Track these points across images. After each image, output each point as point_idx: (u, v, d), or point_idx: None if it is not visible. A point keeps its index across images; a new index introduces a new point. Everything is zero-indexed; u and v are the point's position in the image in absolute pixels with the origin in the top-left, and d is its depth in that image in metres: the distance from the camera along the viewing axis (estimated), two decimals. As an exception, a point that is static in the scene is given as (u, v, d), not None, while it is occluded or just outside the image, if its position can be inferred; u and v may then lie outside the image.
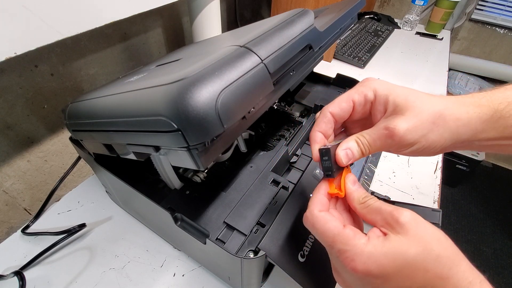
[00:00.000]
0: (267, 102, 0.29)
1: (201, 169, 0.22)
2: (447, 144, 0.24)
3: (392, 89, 0.25)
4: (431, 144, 0.24)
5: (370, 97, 0.26)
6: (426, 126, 0.23)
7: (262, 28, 0.28)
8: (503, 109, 0.23)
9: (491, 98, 0.23)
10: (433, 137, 0.23)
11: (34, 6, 0.28)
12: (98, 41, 0.54)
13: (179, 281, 0.39)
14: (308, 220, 0.25)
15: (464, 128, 0.23)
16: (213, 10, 0.57)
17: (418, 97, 0.24)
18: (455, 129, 0.23)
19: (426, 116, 0.23)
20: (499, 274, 1.27)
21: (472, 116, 0.23)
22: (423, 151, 0.24)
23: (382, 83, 0.27)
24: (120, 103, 0.25)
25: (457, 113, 0.23)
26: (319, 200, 0.25)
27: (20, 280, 0.36)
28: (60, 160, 0.55)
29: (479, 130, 0.23)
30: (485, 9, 1.36)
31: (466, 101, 0.24)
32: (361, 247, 0.20)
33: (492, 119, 0.23)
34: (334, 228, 0.22)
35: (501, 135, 0.23)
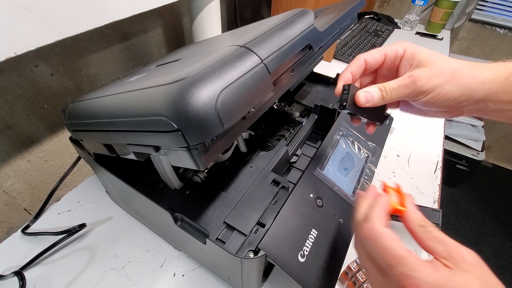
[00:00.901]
0: (267, 102, 0.29)
1: (201, 169, 0.22)
2: (461, 99, 0.26)
3: (419, 49, 0.29)
4: (446, 94, 0.26)
5: (400, 53, 0.30)
6: (444, 77, 0.26)
7: (262, 28, 0.28)
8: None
9: (508, 64, 0.26)
10: (449, 87, 0.26)
11: (34, 6, 0.28)
12: (98, 41, 0.54)
13: (179, 281, 0.39)
14: (369, 233, 0.25)
15: (479, 86, 0.25)
16: (213, 10, 0.57)
17: (441, 56, 0.27)
18: (470, 85, 0.26)
19: (445, 69, 0.26)
20: (499, 274, 1.26)
21: (487, 76, 0.25)
22: (437, 101, 0.27)
23: (411, 44, 0.29)
24: (120, 103, 0.25)
25: (473, 72, 0.26)
26: (381, 215, 0.26)
27: (20, 280, 0.36)
28: (60, 160, 0.54)
29: (493, 90, 0.25)
30: (485, 9, 1.36)
31: (484, 65, 0.26)
32: (429, 276, 0.20)
33: (506, 81, 0.25)
34: (403, 249, 0.22)
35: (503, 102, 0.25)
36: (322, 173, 0.39)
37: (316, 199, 0.36)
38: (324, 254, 0.32)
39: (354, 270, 0.39)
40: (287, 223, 0.32)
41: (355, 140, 0.47)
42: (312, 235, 0.32)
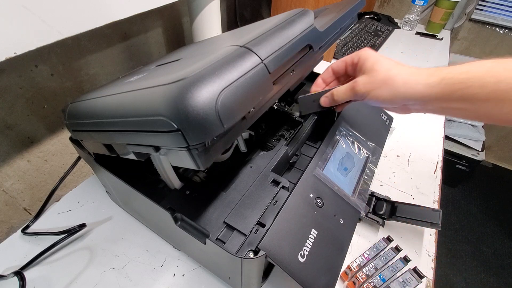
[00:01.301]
0: (267, 102, 0.29)
1: (201, 169, 0.22)
2: (396, 100, 0.32)
3: (369, 57, 0.34)
4: (379, 97, 0.32)
5: (355, 61, 0.36)
6: (378, 83, 0.32)
7: (262, 28, 0.28)
8: (451, 77, 0.29)
9: (443, 70, 0.29)
10: (381, 92, 0.32)
11: (34, 6, 0.28)
12: (98, 41, 0.54)
13: (179, 281, 0.39)
14: None
15: (411, 91, 0.30)
16: (213, 10, 0.57)
17: (382, 65, 0.32)
18: (402, 90, 0.31)
19: (380, 76, 0.32)
20: (499, 274, 1.27)
21: (421, 82, 0.30)
22: (376, 102, 0.33)
23: (367, 52, 0.35)
24: (120, 103, 0.25)
25: (406, 79, 0.31)
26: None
27: (20, 280, 0.36)
28: (60, 160, 0.55)
29: (427, 94, 0.30)
30: (485, 9, 1.36)
31: (422, 71, 0.31)
32: None
33: (439, 86, 0.29)
34: None
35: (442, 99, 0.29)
36: (322, 173, 0.39)
37: (316, 199, 0.36)
38: (324, 254, 0.32)
39: (354, 270, 0.39)
40: (287, 223, 0.32)
41: (355, 140, 0.47)
42: (312, 235, 0.32)
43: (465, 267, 1.30)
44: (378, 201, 0.44)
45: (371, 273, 0.38)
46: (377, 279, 0.37)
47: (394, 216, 0.42)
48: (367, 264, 0.39)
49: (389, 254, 0.40)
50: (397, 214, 0.42)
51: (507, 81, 0.26)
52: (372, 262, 0.39)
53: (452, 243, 1.40)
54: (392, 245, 0.41)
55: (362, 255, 0.40)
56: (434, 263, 0.42)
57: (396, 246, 0.41)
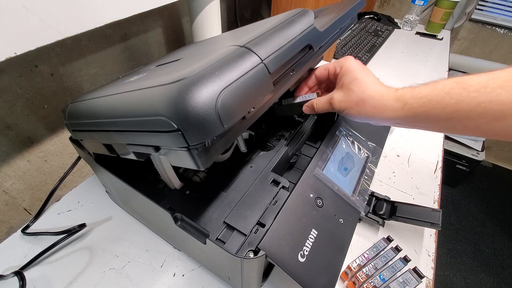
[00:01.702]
0: (267, 102, 0.29)
1: (201, 169, 0.22)
2: (368, 120, 0.35)
3: (348, 72, 0.36)
4: (352, 115, 0.36)
5: (337, 71, 0.38)
6: (351, 104, 0.35)
7: (262, 28, 0.28)
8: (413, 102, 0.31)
9: (407, 94, 0.32)
10: (353, 112, 0.35)
11: (34, 6, 0.28)
12: (98, 41, 0.54)
13: (179, 281, 0.39)
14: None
15: (379, 114, 0.33)
16: (213, 10, 0.57)
17: (358, 85, 0.34)
18: (371, 113, 0.34)
19: (354, 97, 0.34)
20: (499, 274, 1.27)
21: (387, 107, 0.33)
22: (350, 117, 0.37)
23: (349, 65, 0.36)
24: (120, 103, 0.25)
25: (375, 103, 0.33)
26: None
27: (21, 280, 0.36)
28: (60, 160, 0.54)
29: (393, 116, 0.33)
30: (485, 9, 1.36)
31: (390, 95, 0.33)
32: None
33: (402, 110, 0.32)
34: None
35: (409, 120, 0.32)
36: (322, 173, 0.39)
37: (316, 199, 0.36)
38: (324, 254, 0.32)
39: (354, 270, 0.39)
40: (287, 223, 0.32)
41: (355, 140, 0.47)
42: (312, 235, 0.32)
43: (465, 267, 1.30)
44: (378, 201, 0.44)
45: (371, 273, 0.38)
46: (377, 279, 0.37)
47: (394, 216, 0.42)
48: (367, 264, 0.39)
49: (389, 254, 0.40)
50: (397, 214, 0.42)
51: (466, 102, 0.27)
52: (372, 262, 0.39)
53: (452, 243, 1.40)
54: (392, 245, 0.41)
55: (362, 255, 0.40)
56: (434, 263, 0.42)
57: (396, 246, 0.41)
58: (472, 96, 0.27)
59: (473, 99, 0.27)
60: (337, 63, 0.38)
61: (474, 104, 0.27)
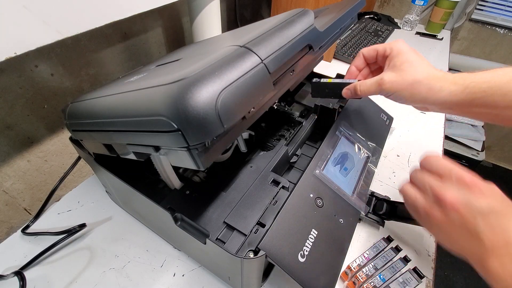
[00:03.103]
0: (267, 102, 0.29)
1: (201, 169, 0.22)
2: (418, 102, 0.34)
3: (400, 53, 0.34)
4: (403, 98, 0.34)
5: (387, 52, 0.36)
6: (404, 85, 0.33)
7: (262, 28, 0.28)
8: (474, 86, 0.30)
9: (467, 78, 0.30)
10: (406, 94, 0.33)
11: (34, 6, 0.28)
12: (98, 41, 0.54)
13: (179, 281, 0.39)
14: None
15: (434, 97, 0.32)
16: (213, 10, 0.57)
17: (411, 65, 0.33)
18: (425, 95, 0.32)
19: (408, 78, 0.33)
20: (499, 274, 1.27)
21: (444, 89, 0.31)
22: (399, 101, 0.35)
23: (399, 46, 0.35)
24: (120, 103, 0.25)
25: (431, 84, 0.32)
26: None
27: (21, 280, 0.36)
28: (60, 160, 0.55)
29: (448, 100, 0.31)
30: (485, 9, 1.36)
31: (447, 78, 0.32)
32: None
33: (462, 94, 0.30)
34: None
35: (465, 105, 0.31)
36: (322, 173, 0.39)
37: (316, 199, 0.36)
38: (324, 254, 0.32)
39: (354, 270, 0.39)
40: (287, 223, 0.32)
41: (355, 140, 0.47)
42: (312, 235, 0.32)
43: (465, 267, 1.30)
44: (378, 201, 0.44)
45: (371, 273, 0.38)
46: (377, 279, 0.37)
47: (394, 216, 0.42)
48: (367, 264, 0.39)
49: (389, 254, 0.40)
50: (397, 214, 0.42)
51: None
52: (372, 262, 0.39)
53: (452, 243, 1.40)
54: (392, 245, 0.41)
55: (362, 255, 0.40)
56: (434, 263, 0.42)
57: (396, 246, 0.41)
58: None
59: None
60: (387, 45, 0.36)
61: None
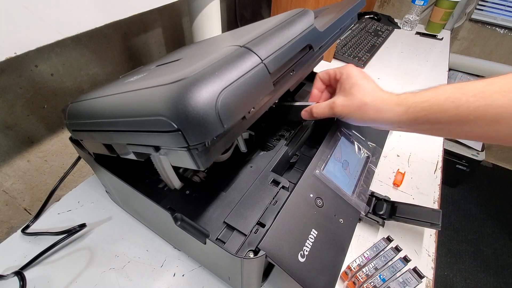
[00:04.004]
0: (267, 102, 0.29)
1: (201, 169, 0.22)
2: (369, 124, 0.36)
3: (349, 77, 0.37)
4: (354, 120, 0.37)
5: (338, 76, 0.39)
6: (353, 108, 0.35)
7: (262, 28, 0.28)
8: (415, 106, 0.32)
9: (409, 99, 0.33)
10: (356, 116, 0.36)
11: (34, 6, 0.28)
12: (98, 41, 0.54)
13: (179, 281, 0.39)
14: None
15: (382, 118, 0.34)
16: (213, 10, 0.57)
17: (359, 90, 0.35)
18: (373, 116, 0.35)
19: (356, 102, 0.35)
20: (499, 274, 1.27)
21: (389, 110, 0.34)
22: (351, 121, 0.38)
23: (349, 71, 0.37)
24: (120, 103, 0.25)
25: (378, 106, 0.34)
26: None
27: (21, 280, 0.36)
28: (60, 160, 0.55)
29: (396, 120, 0.34)
30: (485, 9, 1.36)
31: (392, 99, 0.34)
32: None
33: (405, 114, 0.33)
34: None
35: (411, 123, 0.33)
36: (322, 173, 0.39)
37: (316, 199, 0.36)
38: (324, 254, 0.32)
39: (354, 270, 0.39)
40: (287, 223, 0.32)
41: (355, 140, 0.47)
42: (312, 235, 0.32)
43: (465, 267, 1.30)
44: (378, 201, 0.44)
45: (371, 273, 0.38)
46: (377, 279, 0.37)
47: (394, 216, 0.42)
48: (367, 264, 0.39)
49: (389, 254, 0.40)
50: (397, 214, 0.42)
51: (465, 106, 0.29)
52: (372, 262, 0.39)
53: (452, 243, 1.40)
54: (392, 245, 0.41)
55: (362, 255, 0.40)
56: (434, 263, 0.42)
57: (396, 246, 0.41)
58: (470, 101, 0.29)
59: (471, 103, 0.28)
60: (338, 69, 0.39)
61: (472, 108, 0.28)
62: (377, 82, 0.36)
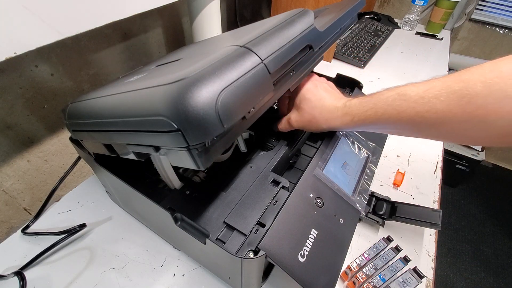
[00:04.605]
0: (267, 102, 0.29)
1: (201, 169, 0.22)
2: (323, 131, 0.40)
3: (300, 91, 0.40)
4: (310, 130, 0.41)
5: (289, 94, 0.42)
6: (305, 122, 0.40)
7: (262, 28, 0.28)
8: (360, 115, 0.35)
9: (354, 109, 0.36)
10: (310, 128, 0.40)
11: (34, 6, 0.28)
12: (98, 41, 0.54)
13: (179, 281, 0.39)
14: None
15: (332, 125, 0.38)
16: (213, 10, 0.57)
17: (307, 103, 0.39)
18: (325, 126, 0.38)
19: (306, 116, 0.39)
20: (499, 274, 1.27)
21: (337, 120, 0.37)
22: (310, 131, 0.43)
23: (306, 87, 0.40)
24: (120, 103, 0.25)
25: (326, 117, 0.38)
26: None
27: (21, 280, 0.36)
28: (60, 160, 0.55)
29: (345, 127, 0.37)
30: (485, 9, 1.36)
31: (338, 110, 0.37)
32: None
33: (352, 121, 0.36)
34: None
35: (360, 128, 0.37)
36: (322, 173, 0.39)
37: (316, 199, 0.36)
38: (324, 254, 0.32)
39: (354, 270, 0.39)
40: (287, 223, 0.32)
41: (355, 140, 0.47)
42: (312, 235, 0.32)
43: (465, 267, 1.31)
44: (378, 201, 0.44)
45: (371, 273, 0.38)
46: (377, 279, 0.37)
47: (394, 216, 0.42)
48: (367, 264, 0.39)
49: (389, 254, 0.40)
50: (397, 214, 0.42)
51: (407, 112, 0.30)
52: (372, 262, 0.39)
53: (452, 243, 1.40)
54: (392, 245, 0.41)
55: (362, 255, 0.40)
56: (434, 263, 0.42)
57: (396, 246, 0.41)
58: (411, 107, 0.30)
59: (412, 109, 0.30)
60: None
61: (413, 113, 0.30)
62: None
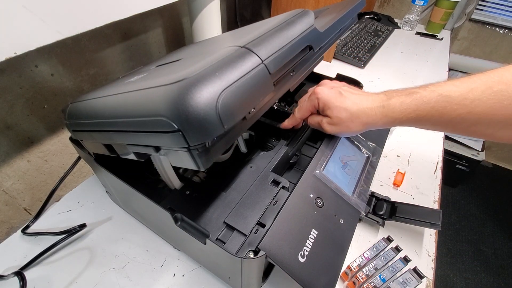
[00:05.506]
0: (268, 102, 0.29)
1: (201, 169, 0.22)
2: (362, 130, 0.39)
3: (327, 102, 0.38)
4: (347, 135, 0.44)
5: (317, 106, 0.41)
6: (342, 128, 0.39)
7: (263, 29, 0.28)
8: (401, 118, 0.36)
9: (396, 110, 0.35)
10: (347, 132, 0.40)
11: (34, 6, 0.28)
12: (98, 41, 0.54)
13: (179, 281, 0.39)
14: None
15: (369, 127, 0.38)
16: (213, 10, 0.57)
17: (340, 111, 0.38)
18: (365, 122, 0.37)
19: (342, 124, 0.38)
20: (499, 274, 1.27)
21: (376, 121, 0.37)
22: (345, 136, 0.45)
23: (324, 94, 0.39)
24: (120, 104, 0.25)
25: (365, 121, 0.37)
26: None
27: (21, 280, 0.36)
28: (60, 160, 0.55)
29: (382, 126, 0.38)
30: (485, 9, 1.36)
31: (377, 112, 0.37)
32: None
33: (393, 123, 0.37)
34: None
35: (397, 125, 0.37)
36: (322, 173, 0.39)
37: (316, 199, 0.36)
38: (324, 254, 0.33)
39: (354, 270, 0.39)
40: (287, 223, 0.32)
41: (355, 140, 0.47)
42: (312, 235, 0.32)
43: (465, 267, 1.31)
44: (378, 201, 0.44)
45: (371, 273, 0.38)
46: (377, 279, 0.37)
47: (394, 216, 0.42)
48: (367, 264, 0.39)
49: (389, 254, 0.40)
50: (397, 214, 0.42)
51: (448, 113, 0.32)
52: (372, 262, 0.39)
53: (452, 243, 1.40)
54: (392, 245, 0.41)
55: (362, 255, 0.40)
56: (434, 263, 0.42)
57: (396, 246, 0.41)
58: (454, 109, 0.32)
59: (454, 111, 0.32)
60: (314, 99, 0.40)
61: (455, 115, 0.32)
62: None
